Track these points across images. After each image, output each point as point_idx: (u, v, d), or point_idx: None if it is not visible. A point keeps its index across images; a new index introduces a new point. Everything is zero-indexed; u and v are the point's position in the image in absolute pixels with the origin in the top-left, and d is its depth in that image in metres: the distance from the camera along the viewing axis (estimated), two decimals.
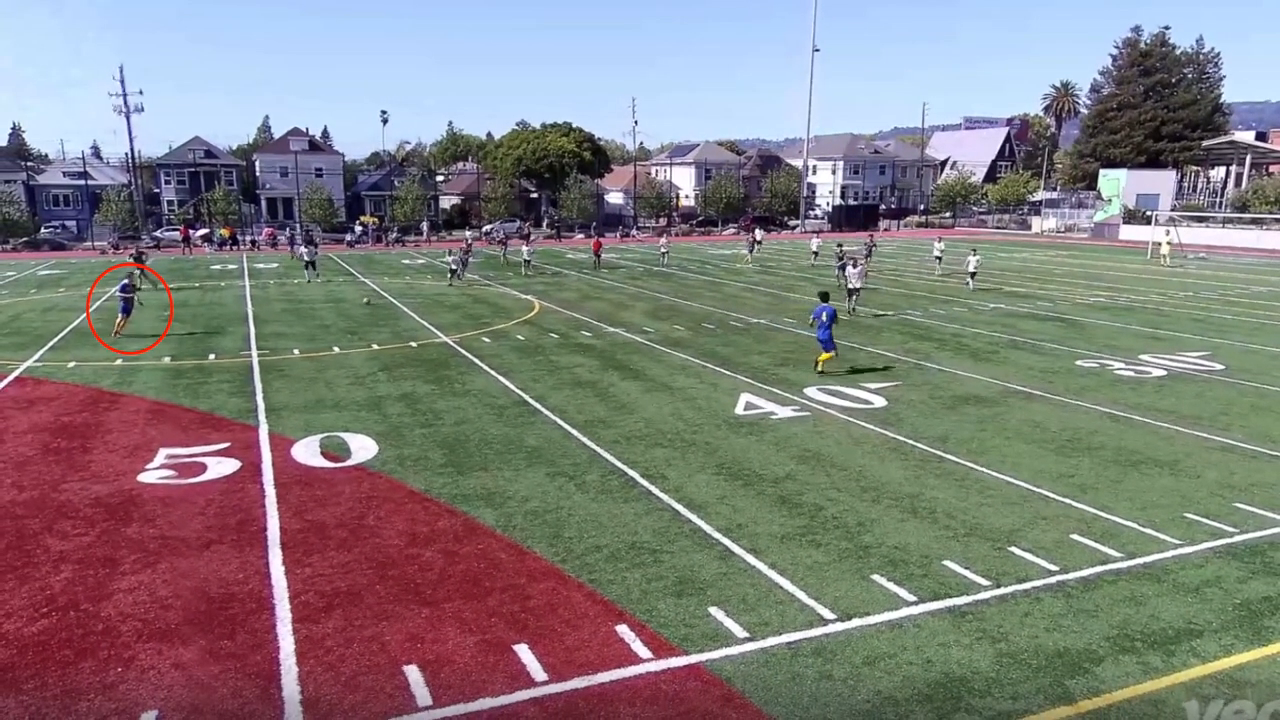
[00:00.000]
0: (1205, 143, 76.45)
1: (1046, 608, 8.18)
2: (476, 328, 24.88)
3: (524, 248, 44.33)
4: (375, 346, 21.87)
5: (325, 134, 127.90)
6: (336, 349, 21.53)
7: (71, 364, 19.79)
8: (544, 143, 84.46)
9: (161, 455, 12.83)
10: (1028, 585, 8.61)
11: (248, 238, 67.20)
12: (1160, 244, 45.47)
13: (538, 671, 7.10)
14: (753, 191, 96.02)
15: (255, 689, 6.88)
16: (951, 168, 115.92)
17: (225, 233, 65.65)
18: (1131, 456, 12.71)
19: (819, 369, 18.32)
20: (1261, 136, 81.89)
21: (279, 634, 7.71)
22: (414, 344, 22.26)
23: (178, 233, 63.14)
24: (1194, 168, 78.70)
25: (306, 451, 13.04)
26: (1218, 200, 71.73)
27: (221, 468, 12.27)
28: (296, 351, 21.17)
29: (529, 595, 8.42)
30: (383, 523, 10.27)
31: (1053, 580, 8.73)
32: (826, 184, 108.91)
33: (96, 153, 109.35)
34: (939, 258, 40.56)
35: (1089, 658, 7.34)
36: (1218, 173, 78.69)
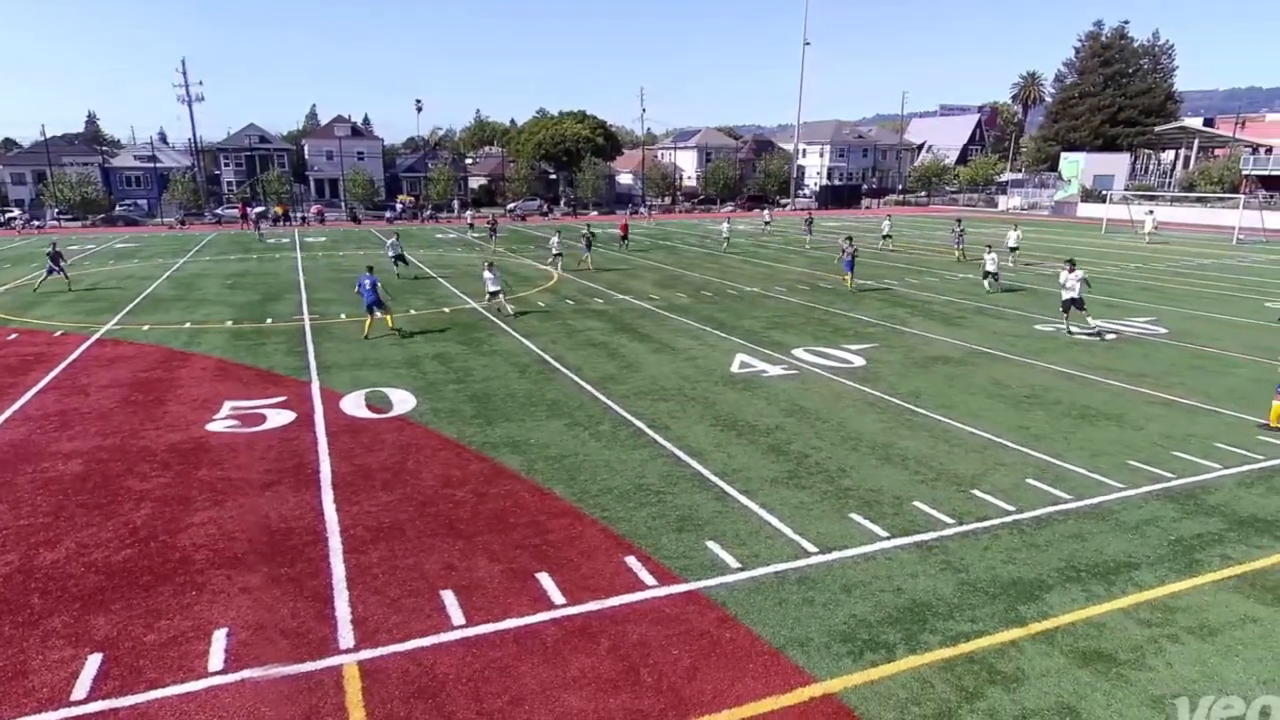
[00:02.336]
0: (1158, 128, 74.95)
1: (1003, 543, 8.24)
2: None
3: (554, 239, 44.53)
4: (413, 311, 21.87)
5: (366, 121, 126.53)
6: (378, 313, 21.49)
7: (146, 327, 19.87)
8: (561, 129, 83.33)
9: (227, 407, 12.94)
10: (987, 523, 8.67)
11: (299, 215, 66.97)
12: (1144, 221, 44.79)
13: (557, 596, 7.22)
14: (748, 173, 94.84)
15: (312, 610, 7.02)
16: (927, 151, 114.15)
17: (279, 210, 65.48)
18: (1083, 410, 12.69)
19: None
20: (1209, 123, 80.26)
21: (331, 563, 7.84)
22: (446, 310, 22.25)
23: (236, 210, 62.92)
24: (1147, 151, 77.24)
25: (353, 404, 13.12)
26: (1167, 181, 70.56)
27: (279, 418, 12.37)
28: (343, 316, 21.19)
29: (549, 530, 8.52)
30: (421, 466, 10.36)
31: (1009, 519, 8.78)
32: (815, 166, 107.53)
33: (163, 138, 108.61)
34: (887, 236, 38.23)
35: (1039, 586, 7.41)
36: (1168, 156, 77.28)
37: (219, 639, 6.58)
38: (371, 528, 8.61)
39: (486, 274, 21.41)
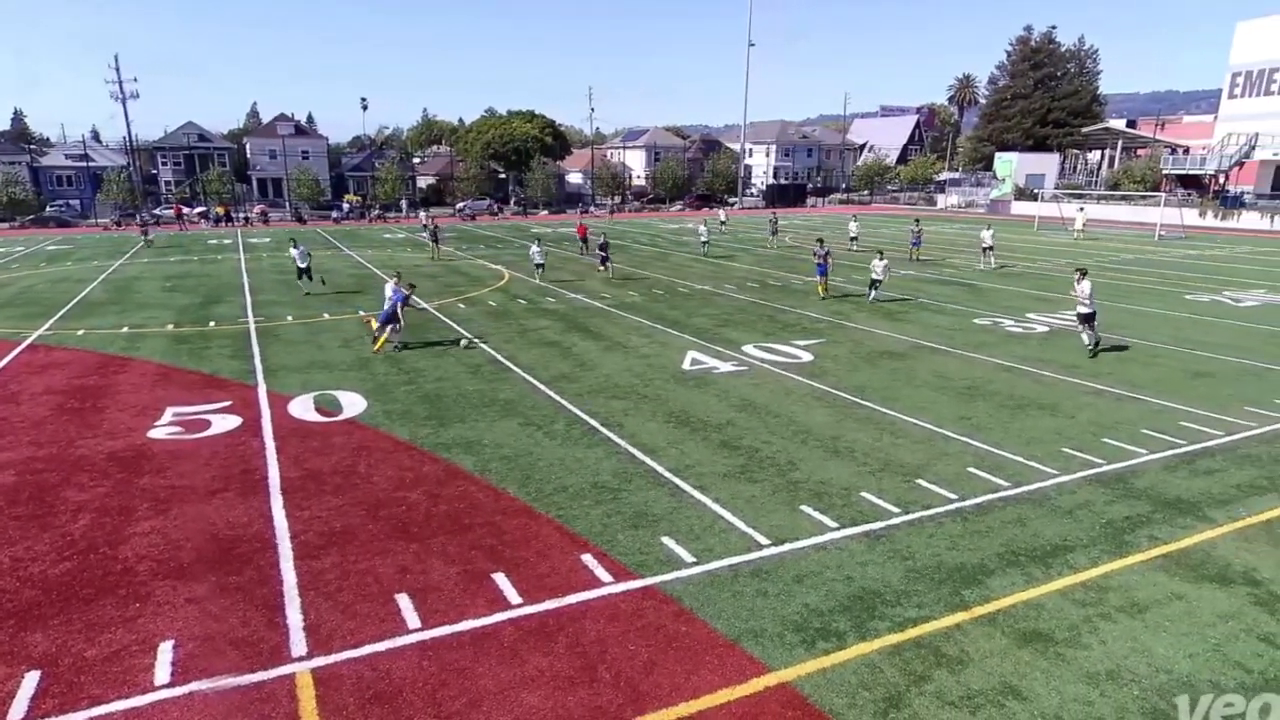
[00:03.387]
0: (1085, 129, 77.64)
1: (947, 530, 8.46)
2: (452, 295, 24.52)
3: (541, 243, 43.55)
4: (361, 313, 21.44)
5: (310, 119, 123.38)
6: (326, 315, 21.06)
7: (81, 332, 19.10)
8: (510, 128, 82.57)
9: (169, 413, 12.51)
10: (932, 511, 8.88)
11: (241, 215, 65.09)
12: (1074, 219, 46.39)
13: (513, 596, 7.16)
14: (696, 173, 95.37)
15: (262, 618, 6.84)
16: (869, 151, 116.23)
17: (220, 210, 63.56)
18: (1019, 401, 13.09)
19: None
20: (1131, 124, 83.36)
21: (282, 569, 7.65)
22: None
23: (171, 211, 60.85)
24: (1075, 151, 79.96)
25: (302, 407, 12.81)
26: (1094, 180, 73.16)
27: (225, 423, 12.02)
28: (290, 318, 20.68)
29: (504, 530, 8.45)
30: (373, 469, 10.17)
31: (952, 507, 9.01)
32: (761, 165, 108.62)
33: (96, 137, 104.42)
34: (854, 238, 37.47)
35: (981, 571, 7.62)
36: (1095, 156, 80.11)
37: (165, 651, 6.36)
38: (323, 533, 8.42)
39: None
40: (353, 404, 12.95)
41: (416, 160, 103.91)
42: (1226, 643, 6.51)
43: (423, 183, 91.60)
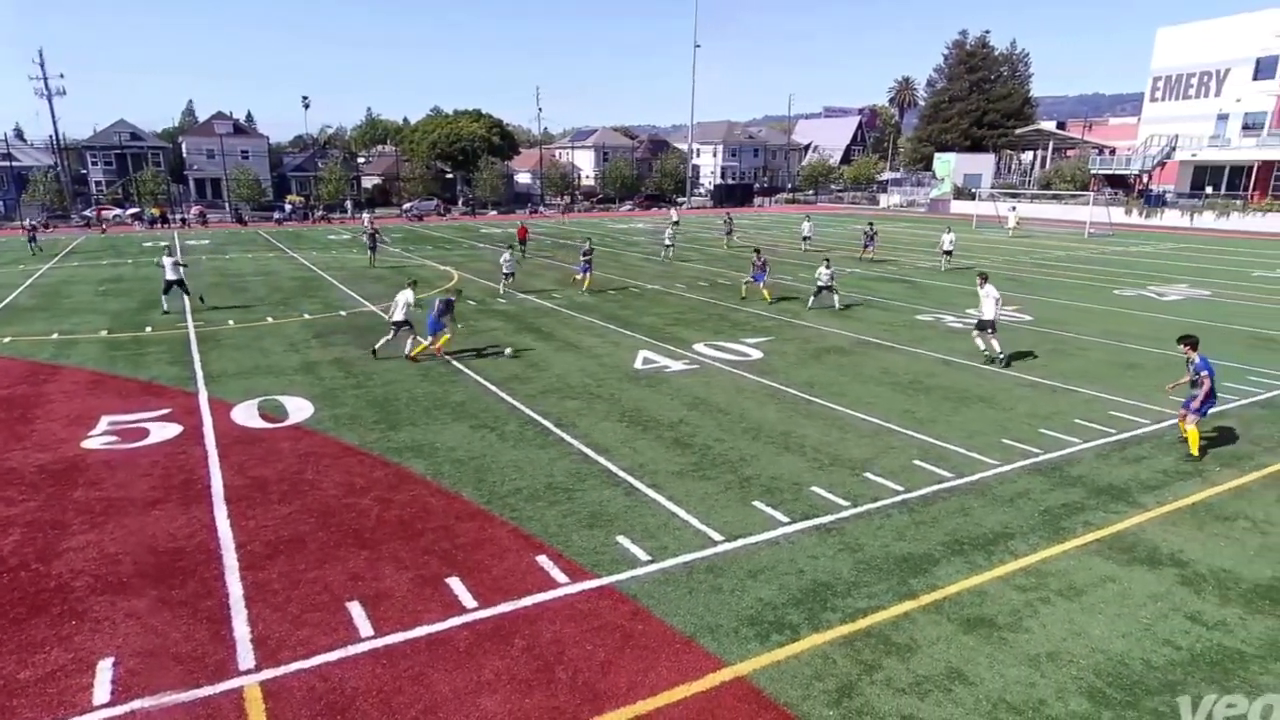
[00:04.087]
0: (1018, 130, 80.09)
1: (894, 522, 8.64)
2: None
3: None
4: (307, 316, 20.94)
5: (249, 118, 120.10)
6: (270, 319, 20.51)
7: (6, 339, 18.22)
8: (457, 127, 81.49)
9: (104, 422, 12.02)
10: (879, 504, 9.07)
11: (178, 216, 62.91)
12: (1008, 217, 47.85)
13: (468, 600, 7.08)
14: (645, 172, 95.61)
15: (207, 631, 6.63)
16: (814, 151, 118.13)
17: (156, 211, 61.27)
18: (960, 394, 13.45)
19: None
20: (1061, 126, 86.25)
21: (227, 581, 7.42)
22: (343, 313, 21.42)
23: (93, 213, 58.42)
24: (1009, 151, 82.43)
25: (246, 414, 12.45)
26: (1027, 179, 75.55)
27: (164, 432, 11.60)
28: (231, 322, 20.07)
29: (458, 534, 8.35)
30: (321, 476, 9.94)
31: (899, 499, 9.21)
32: (709, 165, 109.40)
33: (19, 135, 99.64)
34: (807, 237, 37.00)
35: (928, 560, 7.81)
36: (1028, 156, 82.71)
37: (104, 670, 6.12)
38: (269, 542, 8.20)
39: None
40: (299, 409, 12.63)
41: (361, 160, 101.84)
42: (1157, 622, 6.79)
43: (368, 183, 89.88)
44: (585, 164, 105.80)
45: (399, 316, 15.76)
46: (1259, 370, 15.02)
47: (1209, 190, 58.17)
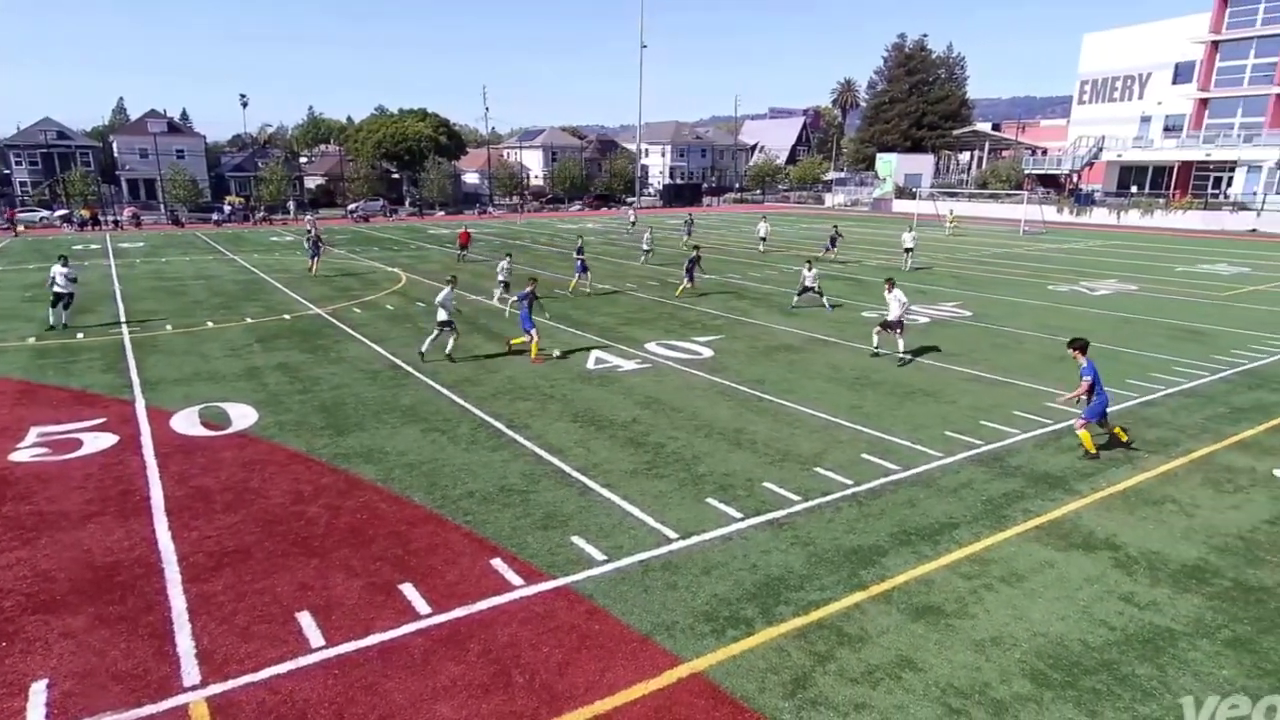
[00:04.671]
0: (955, 131, 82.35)
1: (844, 515, 8.80)
2: (347, 299, 23.61)
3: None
4: (249, 320, 20.35)
5: (184, 116, 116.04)
6: (210, 323, 19.87)
7: None
8: (402, 127, 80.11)
9: (33, 434, 11.49)
10: (829, 498, 9.22)
11: (110, 218, 60.48)
12: (946, 216, 49.18)
13: (422, 606, 6.97)
14: (594, 172, 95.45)
15: (149, 648, 6.39)
16: (760, 151, 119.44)
17: (86, 213, 58.77)
18: (905, 388, 13.76)
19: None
20: (996, 127, 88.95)
21: (170, 595, 7.17)
22: (287, 316, 20.87)
23: (4, 216, 55.69)
24: (947, 152, 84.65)
25: (186, 422, 12.04)
26: (965, 179, 77.70)
27: (98, 442, 11.14)
28: (169, 327, 19.38)
29: (410, 539, 8.21)
30: (267, 484, 9.67)
31: (848, 492, 9.38)
32: (657, 165, 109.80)
33: None
34: (763, 238, 36.75)
35: (877, 551, 7.97)
36: (965, 156, 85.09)
37: (38, 692, 5.85)
38: (213, 553, 7.94)
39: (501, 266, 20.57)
40: (242, 416, 12.27)
41: (304, 160, 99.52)
42: (1093, 604, 7.06)
43: (311, 183, 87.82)
44: (534, 164, 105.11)
45: (442, 316, 15.59)
46: (1183, 361, 15.72)
47: (1134, 189, 60.66)
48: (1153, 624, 6.76)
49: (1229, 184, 55.91)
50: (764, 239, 36.97)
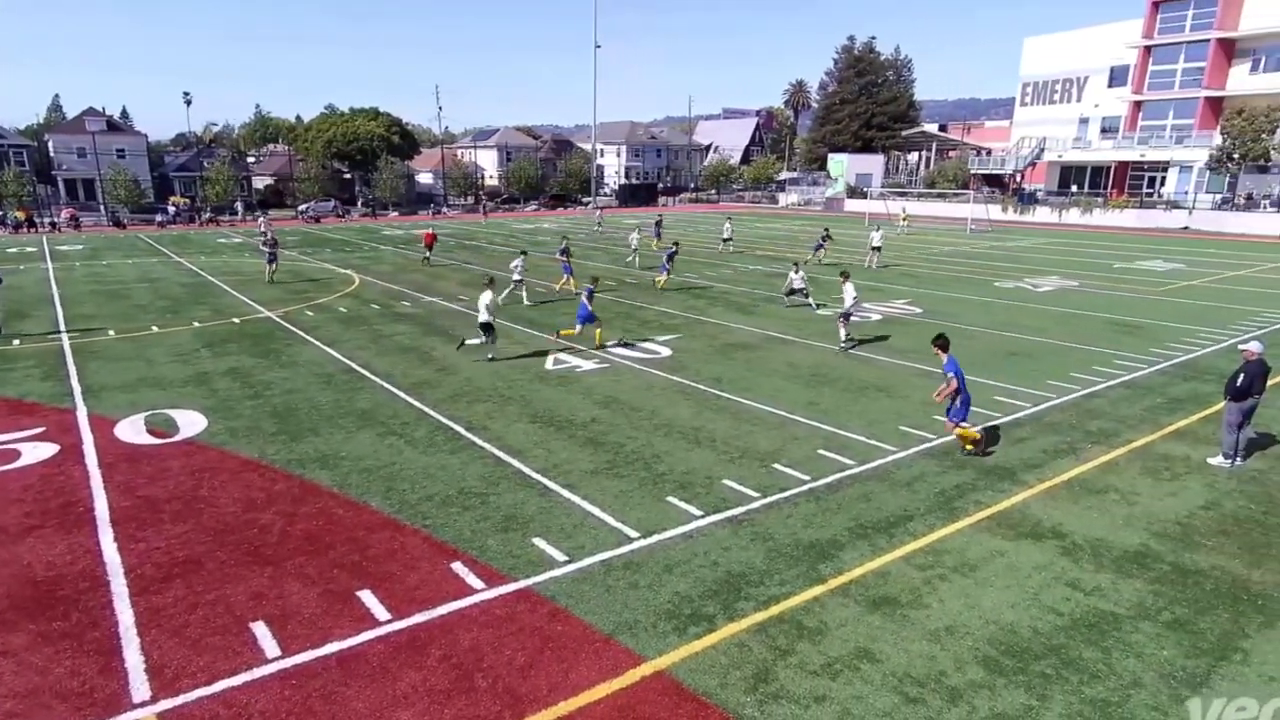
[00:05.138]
0: (904, 132, 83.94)
1: (802, 510, 8.91)
2: (299, 302, 23.10)
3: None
4: (196, 324, 19.77)
5: (125, 114, 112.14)
6: (155, 328, 19.25)
7: None
8: (353, 126, 78.55)
9: None
10: (788, 493, 9.32)
11: (47, 220, 58.18)
12: (900, 214, 50.12)
13: (381, 612, 6.86)
14: (549, 172, 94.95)
15: (95, 665, 6.17)
16: (715, 151, 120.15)
17: (21, 215, 56.41)
18: (860, 384, 13.99)
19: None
20: (943, 128, 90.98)
21: (117, 609, 6.93)
22: (237, 320, 20.33)
23: None
24: (896, 152, 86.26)
25: (131, 430, 11.65)
26: (914, 179, 79.26)
27: (38, 452, 10.71)
28: (112, 333, 18.73)
29: (368, 545, 8.07)
30: (218, 492, 9.42)
31: (806, 488, 9.50)
32: (613, 165, 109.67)
33: None
34: (727, 239, 36.58)
35: (834, 545, 8.09)
36: (913, 156, 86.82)
37: None
38: (162, 564, 7.70)
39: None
40: (191, 423, 11.92)
41: (251, 160, 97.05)
42: (1042, 591, 7.26)
43: (259, 183, 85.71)
44: (488, 164, 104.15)
45: (484, 318, 15.56)
46: (1123, 354, 16.27)
47: (1074, 189, 62.59)
48: (1098, 609, 6.98)
49: (1162, 183, 58.06)
50: (728, 239, 37.11)
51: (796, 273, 22.05)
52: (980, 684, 5.97)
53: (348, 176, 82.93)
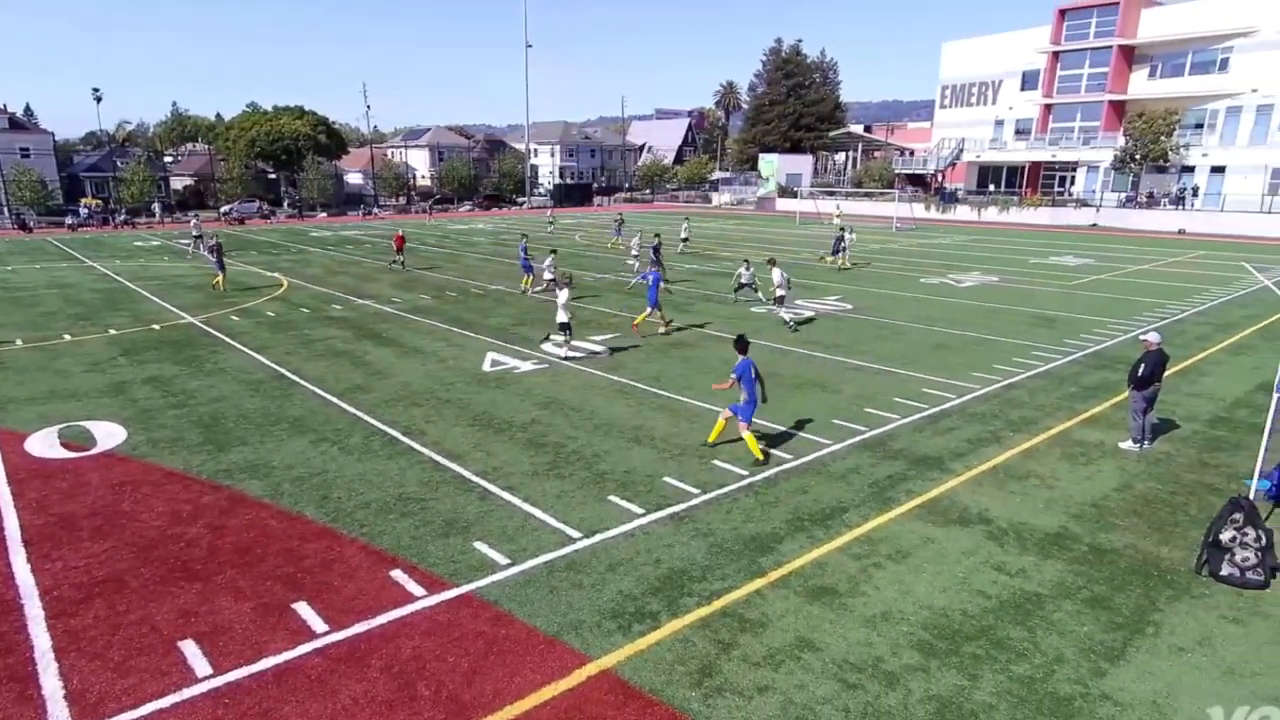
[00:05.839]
0: (831, 133, 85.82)
1: (742, 505, 9.02)
2: (223, 307, 22.21)
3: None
4: (113, 331, 18.81)
5: (28, 111, 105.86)
6: (68, 336, 18.23)
7: None
8: (278, 125, 75.86)
9: None
10: (727, 489, 9.43)
11: None
12: (834, 213, 51.18)
13: (318, 624, 6.66)
14: (483, 172, 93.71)
15: (10, 693, 5.81)
16: (648, 152, 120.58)
17: None
18: (794, 380, 14.25)
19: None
20: (868, 129, 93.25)
21: (32, 633, 6.54)
22: (157, 326, 19.42)
23: None
24: (824, 152, 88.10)
25: (43, 444, 11.00)
26: (841, 178, 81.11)
27: None
28: (19, 342, 17.65)
29: (303, 556, 7.82)
30: (140, 506, 8.98)
31: (745, 483, 9.62)
32: (547, 165, 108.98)
33: None
34: (685, 239, 36.57)
35: (773, 538, 8.22)
36: (840, 156, 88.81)
37: None
38: (81, 585, 7.30)
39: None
40: (109, 435, 11.34)
41: (169, 159, 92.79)
42: (970, 575, 7.53)
43: (178, 184, 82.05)
44: (420, 164, 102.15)
45: (563, 318, 15.71)
46: (1040, 345, 17.01)
47: (992, 187, 65.10)
48: (1022, 590, 7.28)
49: (1072, 182, 60.92)
50: (685, 239, 36.97)
51: (746, 269, 22.54)
52: (915, 667, 6.15)
53: (273, 177, 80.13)
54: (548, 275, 22.96)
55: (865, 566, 7.67)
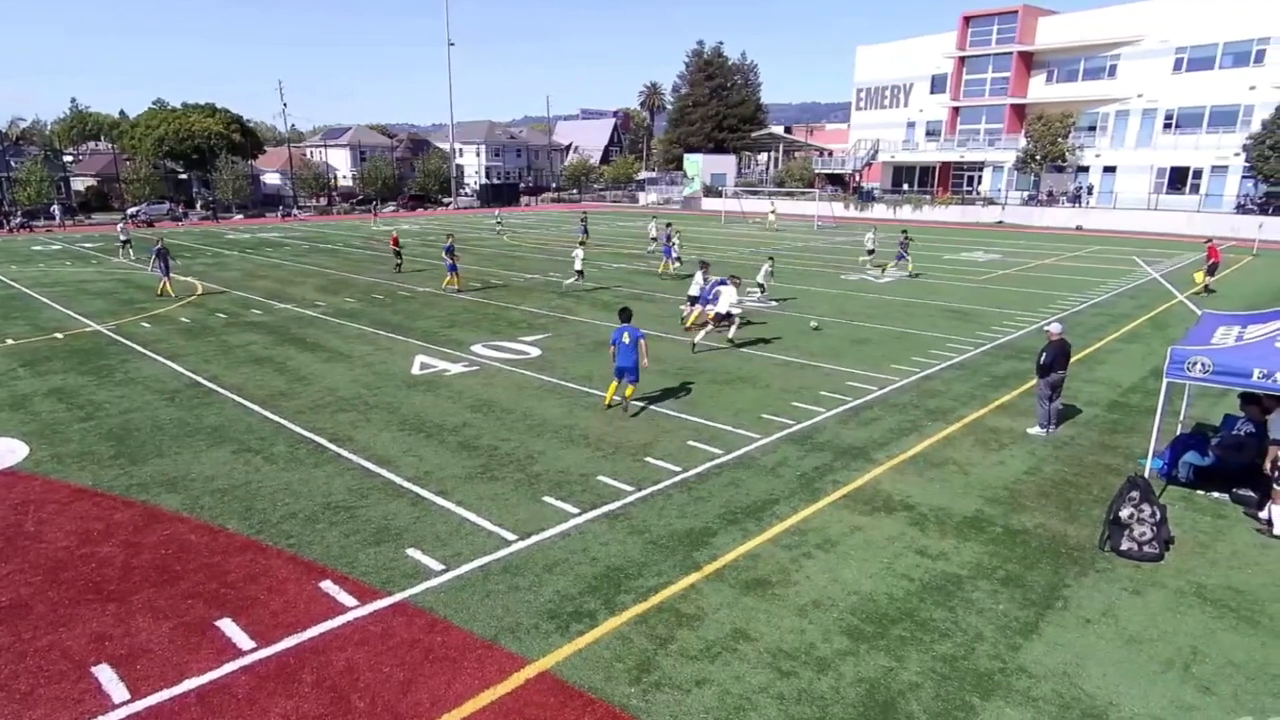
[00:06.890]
0: (753, 134, 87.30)
1: (675, 501, 9.08)
2: (133, 313, 21.05)
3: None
4: (10, 341, 17.59)
5: None
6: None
7: None
8: (187, 123, 72.25)
9: None
10: (661, 485, 9.48)
11: None
12: (769, 214, 52.05)
13: (244, 641, 6.38)
14: (407, 172, 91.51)
15: None
16: (575, 151, 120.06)
17: None
18: (725, 376, 14.43)
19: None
20: (788, 130, 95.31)
21: None
22: (60, 335, 18.26)
23: None
24: (747, 153, 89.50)
25: None
26: (764, 178, 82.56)
27: None
28: None
29: (226, 571, 7.48)
30: (45, 526, 8.43)
31: (678, 479, 9.69)
32: (473, 165, 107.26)
33: None
34: (654, 239, 34.78)
35: (707, 533, 8.31)
36: (763, 157, 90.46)
37: None
38: None
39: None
40: (9, 452, 10.60)
41: (69, 158, 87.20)
42: (895, 560, 7.78)
43: (80, 184, 77.22)
44: (340, 163, 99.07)
45: (724, 308, 16.29)
46: (954, 338, 17.71)
47: (906, 187, 67.41)
48: (944, 572, 7.57)
49: (979, 182, 63.64)
50: (655, 239, 35.58)
51: (765, 276, 22.21)
52: (846, 652, 6.32)
53: (183, 177, 76.32)
54: (577, 266, 24.59)
55: (796, 556, 7.83)
